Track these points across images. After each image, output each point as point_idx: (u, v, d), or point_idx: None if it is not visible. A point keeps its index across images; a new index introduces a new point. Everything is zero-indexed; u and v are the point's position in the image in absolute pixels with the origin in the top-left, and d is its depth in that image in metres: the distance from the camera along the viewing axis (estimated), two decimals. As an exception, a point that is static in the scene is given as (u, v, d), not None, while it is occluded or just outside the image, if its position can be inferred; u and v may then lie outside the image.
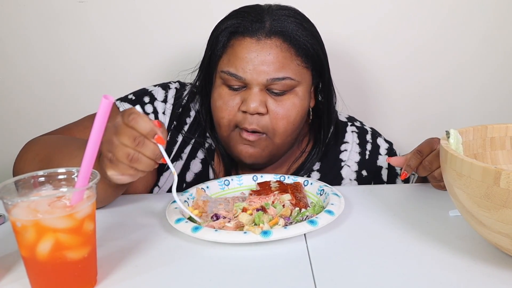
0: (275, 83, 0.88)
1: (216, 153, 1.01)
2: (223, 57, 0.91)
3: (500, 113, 1.41)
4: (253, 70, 0.87)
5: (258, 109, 0.88)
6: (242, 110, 0.89)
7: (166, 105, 0.99)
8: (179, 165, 0.99)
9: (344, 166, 1.03)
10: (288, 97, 0.90)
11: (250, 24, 0.88)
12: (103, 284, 0.58)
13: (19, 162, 0.86)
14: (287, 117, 0.90)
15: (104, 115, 0.54)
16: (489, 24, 1.34)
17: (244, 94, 0.89)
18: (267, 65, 0.87)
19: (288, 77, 0.88)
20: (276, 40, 0.88)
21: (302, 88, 0.92)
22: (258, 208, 0.74)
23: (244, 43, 0.88)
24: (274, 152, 0.94)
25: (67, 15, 1.32)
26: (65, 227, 0.53)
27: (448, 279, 0.58)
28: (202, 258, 0.65)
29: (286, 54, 0.88)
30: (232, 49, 0.89)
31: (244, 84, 0.89)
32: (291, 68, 0.89)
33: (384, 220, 0.76)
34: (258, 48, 0.87)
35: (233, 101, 0.90)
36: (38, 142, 0.86)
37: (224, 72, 0.89)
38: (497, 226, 0.55)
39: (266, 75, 0.87)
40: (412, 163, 0.84)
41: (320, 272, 0.60)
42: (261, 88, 0.88)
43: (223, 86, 0.91)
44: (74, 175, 0.60)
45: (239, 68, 0.87)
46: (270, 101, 0.89)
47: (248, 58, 0.87)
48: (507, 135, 0.73)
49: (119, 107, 0.97)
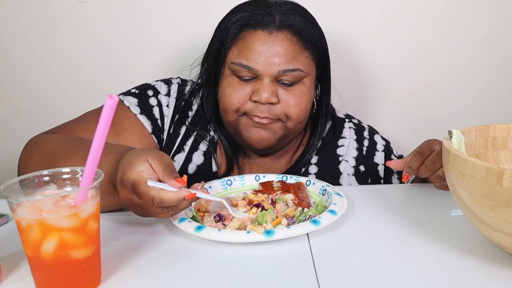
0: (286, 74, 0.90)
1: (218, 145, 1.02)
2: (232, 49, 0.93)
3: (500, 113, 1.41)
4: (265, 62, 0.89)
5: (270, 99, 0.90)
6: (253, 100, 0.91)
7: (170, 99, 1.01)
8: (181, 157, 1.00)
9: (342, 161, 1.05)
10: (297, 87, 0.93)
11: (261, 18, 0.91)
12: (107, 283, 0.58)
13: (24, 163, 0.86)
14: (299, 104, 0.92)
15: (109, 114, 0.54)
16: (489, 23, 1.34)
17: (255, 84, 0.91)
18: (278, 57, 0.89)
19: (298, 69, 0.91)
20: (286, 33, 0.91)
21: (309, 79, 0.95)
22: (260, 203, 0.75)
23: (256, 35, 0.90)
24: (285, 135, 0.96)
25: (67, 15, 1.32)
26: (69, 226, 0.53)
27: (450, 278, 0.58)
28: (205, 257, 0.65)
29: (296, 47, 0.91)
30: (243, 41, 0.91)
31: (255, 75, 0.91)
32: (301, 60, 0.91)
33: (387, 219, 0.76)
34: (270, 41, 0.90)
35: (243, 90, 0.92)
36: (44, 143, 0.85)
37: (235, 64, 0.91)
38: (500, 225, 0.56)
39: (277, 67, 0.89)
40: (413, 164, 0.84)
41: (323, 271, 0.60)
42: (272, 79, 0.91)
43: (232, 76, 0.93)
44: (79, 175, 0.59)
45: (251, 60, 0.89)
46: (281, 91, 0.92)
47: (261, 50, 0.89)
48: (509, 135, 0.74)
49: (123, 100, 0.98)
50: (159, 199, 0.63)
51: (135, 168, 0.64)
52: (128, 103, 0.98)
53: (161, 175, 0.65)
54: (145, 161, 0.65)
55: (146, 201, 0.63)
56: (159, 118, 0.98)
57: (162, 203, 0.63)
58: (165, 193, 0.63)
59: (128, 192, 0.65)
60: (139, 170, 0.64)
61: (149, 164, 0.65)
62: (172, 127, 1.00)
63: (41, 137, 0.89)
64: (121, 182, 0.65)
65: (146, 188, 0.63)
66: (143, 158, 0.66)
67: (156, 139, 0.98)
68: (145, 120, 0.97)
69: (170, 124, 1.00)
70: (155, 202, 0.63)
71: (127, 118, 0.96)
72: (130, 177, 0.64)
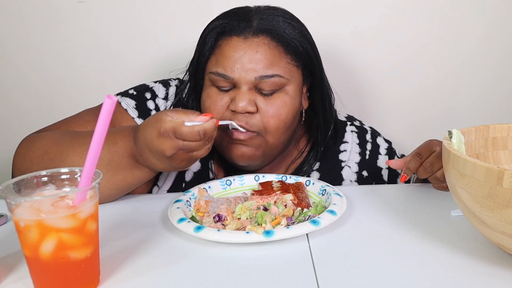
0: (264, 81, 0.86)
1: (216, 153, 1.01)
2: (211, 58, 0.91)
3: (500, 113, 1.41)
4: (241, 68, 0.86)
5: (247, 108, 0.86)
6: (231, 109, 0.88)
7: (167, 103, 1.00)
8: None
9: (345, 167, 1.03)
10: (278, 95, 0.89)
11: (237, 24, 0.88)
12: (106, 284, 0.58)
13: (23, 161, 0.84)
14: (278, 115, 0.88)
15: (107, 115, 0.54)
16: (489, 23, 1.34)
17: (233, 93, 0.88)
18: (255, 63, 0.86)
19: (277, 75, 0.87)
20: (263, 38, 0.87)
21: (293, 87, 0.91)
22: (260, 206, 0.75)
23: (231, 42, 0.87)
24: (268, 152, 0.92)
25: (67, 15, 1.32)
26: (68, 227, 0.53)
27: (450, 279, 0.58)
28: (204, 258, 0.65)
29: (275, 52, 0.87)
30: (220, 50, 0.89)
31: (233, 84, 0.88)
32: (280, 66, 0.88)
33: (386, 220, 0.76)
34: (245, 47, 0.86)
35: (221, 100, 0.89)
36: (44, 138, 0.85)
37: (212, 73, 0.89)
38: (500, 226, 0.56)
39: (254, 73, 0.86)
40: (411, 165, 0.84)
41: (323, 271, 0.60)
42: (250, 87, 0.87)
43: (212, 87, 0.90)
44: (77, 175, 0.59)
45: (227, 68, 0.86)
46: (260, 100, 0.88)
47: (236, 57, 0.86)
48: (509, 135, 0.73)
49: (121, 101, 0.97)
50: (204, 130, 0.71)
51: (166, 119, 0.72)
52: (126, 105, 0.97)
53: (186, 118, 0.73)
54: (166, 114, 0.73)
55: (192, 137, 0.71)
56: None
57: (206, 133, 0.72)
58: (205, 124, 0.72)
59: (171, 141, 0.72)
60: (170, 118, 0.72)
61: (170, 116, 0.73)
62: None
63: (36, 134, 0.88)
64: (160, 136, 0.72)
65: (188, 127, 0.71)
66: (163, 113, 0.73)
67: None
68: None
69: None
70: (201, 134, 0.71)
71: (125, 121, 0.96)
72: (169, 126, 0.71)
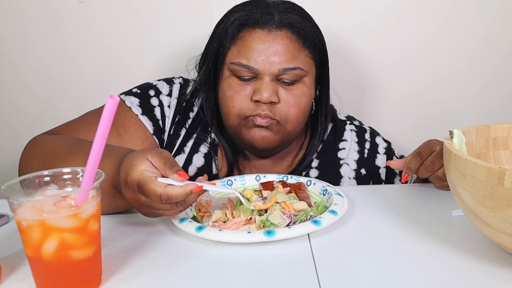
0: (286, 73, 0.90)
1: (219, 148, 1.02)
2: (231, 49, 0.92)
3: (501, 113, 1.41)
4: (265, 60, 0.89)
5: (271, 98, 0.90)
6: (254, 100, 0.90)
7: (171, 99, 1.01)
8: (181, 159, 1.00)
9: (343, 165, 1.04)
10: (297, 86, 0.93)
11: (260, 16, 0.91)
12: (108, 283, 0.58)
13: (25, 164, 0.85)
14: (298, 104, 0.92)
15: (109, 115, 0.54)
16: (489, 23, 1.34)
17: (255, 84, 0.91)
18: (278, 56, 0.89)
19: (298, 67, 0.91)
20: (286, 32, 0.91)
21: (309, 78, 0.95)
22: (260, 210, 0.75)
23: (255, 34, 0.90)
24: (285, 138, 0.96)
25: (67, 15, 1.32)
26: (70, 226, 0.53)
27: (451, 279, 0.58)
28: (206, 257, 0.65)
29: (296, 45, 0.91)
30: (243, 41, 0.91)
31: (255, 74, 0.91)
32: (300, 58, 0.91)
33: (388, 220, 0.76)
34: (269, 39, 0.90)
35: (244, 91, 0.91)
36: (44, 145, 0.85)
37: (234, 64, 0.91)
38: (501, 226, 0.56)
39: (278, 65, 0.89)
40: (412, 165, 0.84)
41: (324, 271, 0.60)
42: (272, 78, 0.90)
43: (232, 77, 0.93)
44: (79, 175, 0.59)
45: (251, 59, 0.89)
46: (281, 90, 0.92)
47: (260, 49, 0.89)
48: (510, 135, 0.74)
49: (125, 100, 0.98)
50: (166, 196, 0.62)
51: (137, 168, 0.64)
52: (130, 103, 0.97)
53: (163, 171, 0.65)
54: (145, 159, 0.65)
55: (154, 199, 0.63)
56: (160, 119, 0.98)
57: (170, 199, 0.63)
58: (172, 189, 0.63)
59: (134, 193, 0.65)
60: (142, 169, 0.64)
61: (149, 162, 0.65)
62: (173, 128, 1.00)
63: (41, 138, 0.89)
64: (125, 184, 0.65)
65: (152, 186, 0.62)
66: (143, 157, 0.66)
67: (157, 140, 0.98)
68: (146, 121, 0.96)
69: (170, 125, 0.99)
70: (162, 199, 0.63)
71: (128, 119, 0.96)
72: (134, 178, 0.64)
